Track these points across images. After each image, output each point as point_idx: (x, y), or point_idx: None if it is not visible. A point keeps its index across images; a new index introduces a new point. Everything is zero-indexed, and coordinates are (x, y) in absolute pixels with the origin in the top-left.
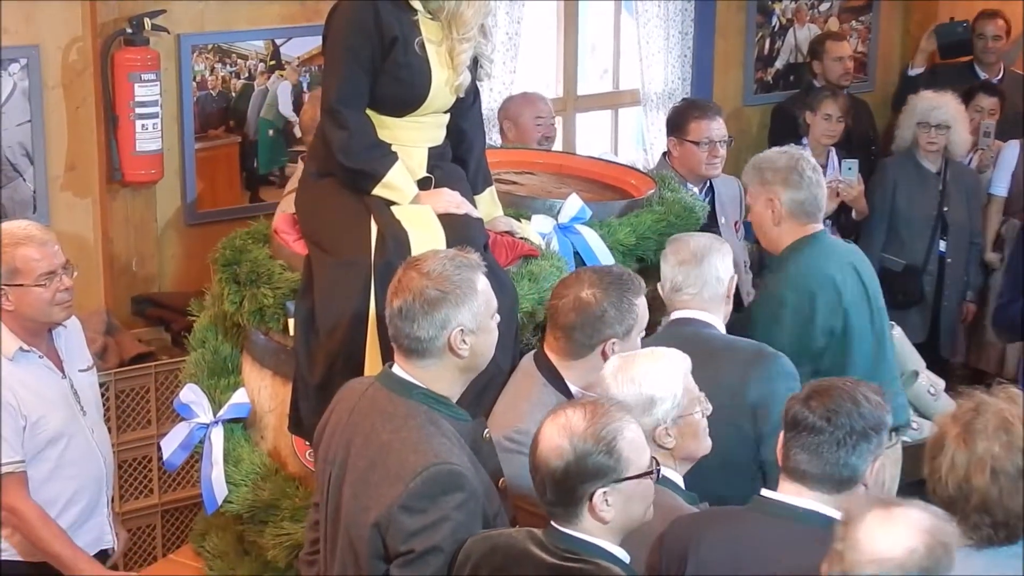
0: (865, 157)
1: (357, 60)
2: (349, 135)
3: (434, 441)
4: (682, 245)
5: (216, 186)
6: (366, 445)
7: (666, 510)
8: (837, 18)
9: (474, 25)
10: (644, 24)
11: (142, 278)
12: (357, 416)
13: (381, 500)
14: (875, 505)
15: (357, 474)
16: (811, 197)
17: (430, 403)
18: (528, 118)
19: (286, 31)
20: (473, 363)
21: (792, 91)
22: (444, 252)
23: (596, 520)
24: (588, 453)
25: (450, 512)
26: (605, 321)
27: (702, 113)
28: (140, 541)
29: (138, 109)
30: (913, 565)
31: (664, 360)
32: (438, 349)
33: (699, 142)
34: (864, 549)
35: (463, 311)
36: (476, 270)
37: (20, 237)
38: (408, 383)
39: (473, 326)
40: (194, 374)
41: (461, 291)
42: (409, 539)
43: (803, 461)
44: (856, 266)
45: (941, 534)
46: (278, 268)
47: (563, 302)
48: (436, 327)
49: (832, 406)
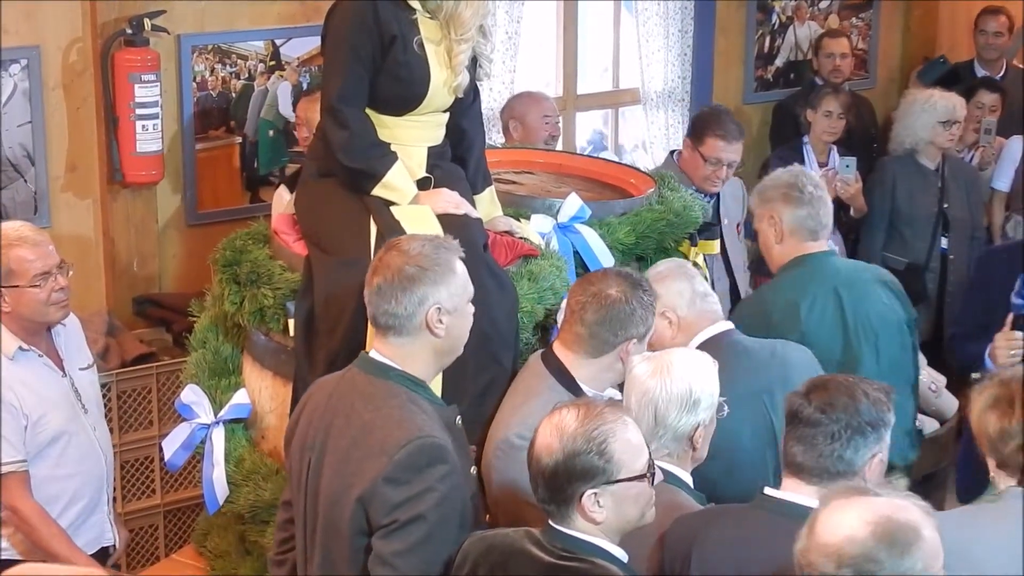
0: (866, 154)
1: (357, 59)
2: (349, 134)
3: (417, 418)
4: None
5: (216, 187)
6: (347, 425)
7: (676, 510)
8: (837, 15)
9: (472, 26)
10: (644, 22)
11: (143, 279)
12: (336, 399)
13: (365, 475)
14: (843, 493)
15: (338, 454)
16: (812, 213)
17: (408, 385)
18: (535, 117)
19: (286, 31)
20: (448, 345)
21: (792, 89)
22: (425, 235)
23: (587, 521)
24: (577, 453)
25: (434, 483)
26: (633, 320)
27: (724, 134)
28: (142, 541)
29: (138, 110)
30: (853, 553)
31: (700, 360)
32: (415, 327)
33: (708, 159)
34: (816, 532)
35: (441, 289)
36: (454, 253)
37: (14, 238)
38: (385, 365)
39: (450, 306)
40: (195, 374)
41: (440, 269)
42: (393, 510)
43: (798, 453)
44: (840, 291)
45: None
46: (278, 268)
47: (590, 298)
48: (414, 303)
49: (829, 399)
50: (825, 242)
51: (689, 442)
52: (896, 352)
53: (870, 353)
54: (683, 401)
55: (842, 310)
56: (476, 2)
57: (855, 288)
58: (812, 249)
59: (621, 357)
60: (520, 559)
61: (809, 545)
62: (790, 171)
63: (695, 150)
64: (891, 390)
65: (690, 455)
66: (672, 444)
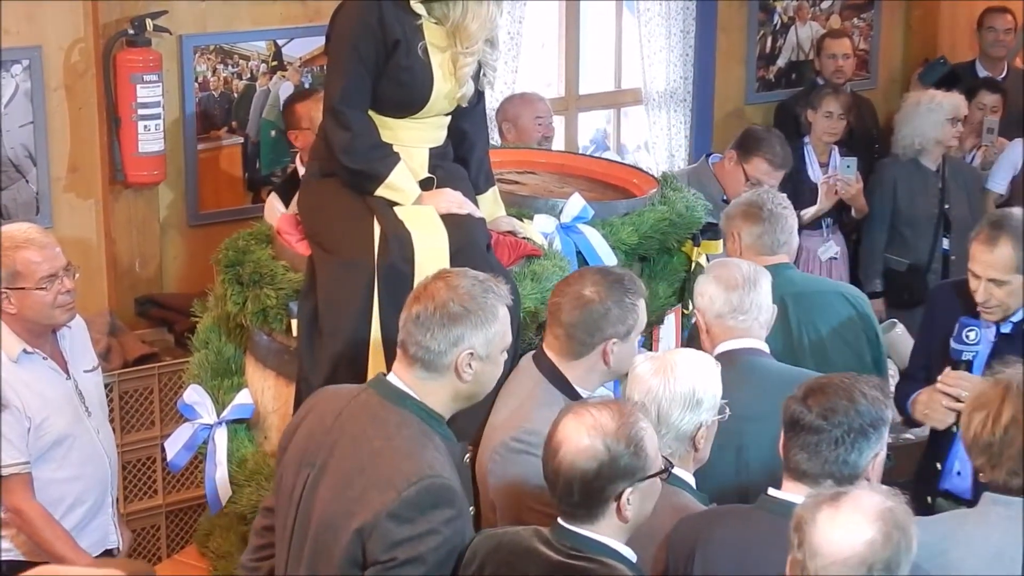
0: (867, 154)
1: (361, 61)
2: (352, 136)
3: (427, 453)
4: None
5: (218, 187)
6: (354, 449)
7: (679, 511)
8: (839, 15)
9: (479, 39)
10: (646, 23)
11: (145, 279)
12: (346, 420)
13: (369, 506)
14: (823, 503)
15: (339, 477)
16: (769, 230)
17: (423, 416)
18: (528, 119)
19: (288, 32)
20: (473, 390)
21: (794, 89)
22: (476, 273)
23: (620, 520)
24: (621, 454)
25: (439, 526)
26: (608, 320)
27: (773, 159)
28: (144, 542)
29: (140, 110)
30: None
31: (703, 360)
32: (444, 366)
33: (751, 178)
34: (824, 552)
35: (479, 334)
36: (501, 300)
37: (20, 240)
38: (403, 393)
39: (484, 352)
40: (197, 375)
41: (483, 314)
42: (393, 548)
43: (802, 461)
44: (787, 300)
45: (894, 515)
46: (281, 269)
47: (565, 300)
48: (448, 343)
49: (829, 405)
50: (785, 256)
51: (691, 442)
52: (850, 364)
53: (813, 363)
54: (686, 400)
55: (787, 319)
56: (483, 15)
57: (805, 299)
58: (768, 262)
59: (603, 358)
60: (529, 557)
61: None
62: (756, 190)
63: (739, 164)
64: (884, 384)
65: (692, 455)
66: (675, 444)
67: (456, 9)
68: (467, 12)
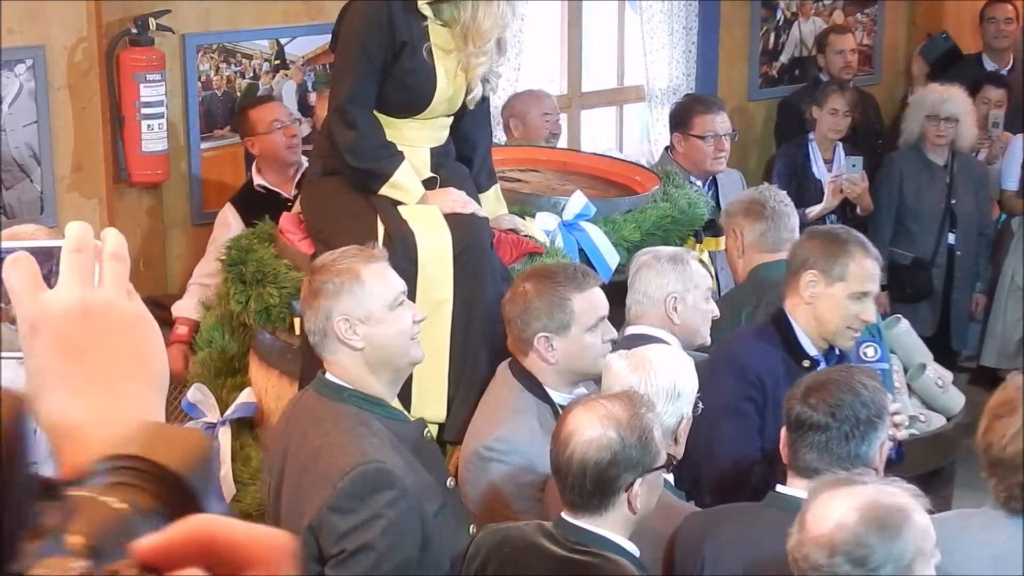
0: (872, 151)
1: (370, 60)
2: (358, 135)
3: (363, 442)
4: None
5: (222, 186)
6: (300, 451)
7: (664, 507)
8: (842, 11)
9: (492, 37)
10: (648, 20)
11: (149, 278)
12: (291, 423)
13: (312, 503)
14: (831, 484)
15: (292, 480)
16: (772, 227)
17: (361, 404)
18: (536, 115)
19: (291, 30)
20: (378, 355)
21: (798, 85)
22: (344, 249)
23: (630, 511)
24: (634, 443)
25: (381, 510)
26: (531, 313)
27: (706, 108)
28: None
29: (144, 109)
30: (844, 540)
31: (677, 355)
32: (332, 341)
33: (704, 136)
34: (806, 528)
35: (343, 301)
36: (362, 259)
37: None
38: (338, 386)
39: (361, 315)
40: (201, 374)
41: (339, 279)
42: (340, 540)
43: (813, 459)
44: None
45: (884, 502)
46: (284, 267)
47: (508, 296)
48: (321, 318)
49: (833, 400)
50: (787, 254)
51: (672, 436)
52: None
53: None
54: (668, 393)
55: None
56: (495, 12)
57: None
58: (770, 259)
59: (541, 354)
60: (532, 552)
61: (801, 539)
62: (758, 188)
63: (687, 138)
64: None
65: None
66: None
67: (465, 10)
68: (477, 11)
